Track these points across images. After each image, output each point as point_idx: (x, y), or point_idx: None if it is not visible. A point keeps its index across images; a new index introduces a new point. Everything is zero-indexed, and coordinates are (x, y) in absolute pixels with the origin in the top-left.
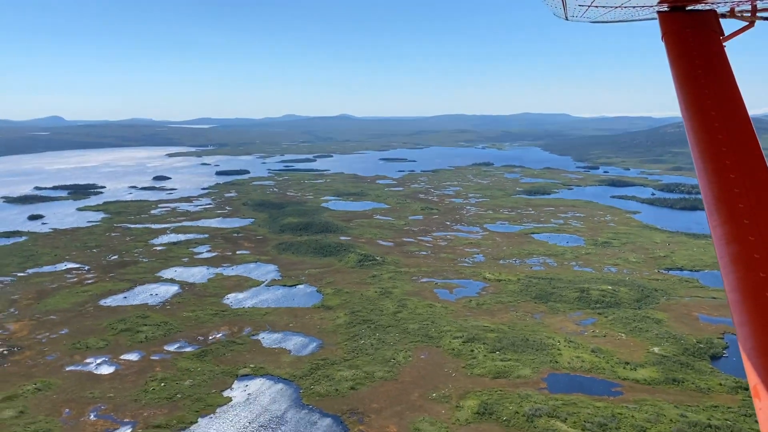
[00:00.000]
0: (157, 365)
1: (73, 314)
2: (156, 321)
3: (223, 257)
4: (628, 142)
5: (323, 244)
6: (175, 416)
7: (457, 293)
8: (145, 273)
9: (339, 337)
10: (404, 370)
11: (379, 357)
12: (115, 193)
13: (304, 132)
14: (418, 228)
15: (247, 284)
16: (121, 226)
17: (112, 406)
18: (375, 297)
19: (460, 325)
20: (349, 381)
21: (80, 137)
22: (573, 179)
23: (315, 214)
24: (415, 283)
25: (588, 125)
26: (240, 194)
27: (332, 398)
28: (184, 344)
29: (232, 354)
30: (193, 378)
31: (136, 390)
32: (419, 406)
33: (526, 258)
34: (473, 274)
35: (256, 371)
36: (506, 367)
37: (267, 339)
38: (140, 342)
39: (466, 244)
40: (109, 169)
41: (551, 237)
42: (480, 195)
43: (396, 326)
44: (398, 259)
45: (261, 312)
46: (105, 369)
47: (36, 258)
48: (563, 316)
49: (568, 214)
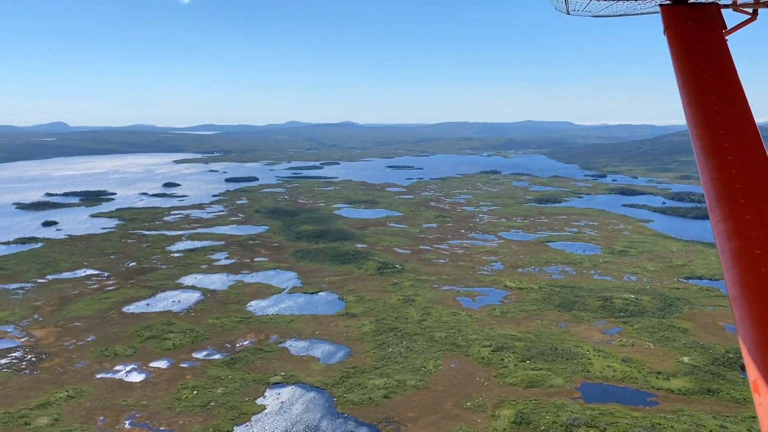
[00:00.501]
0: (187, 373)
1: (98, 321)
2: (182, 328)
3: (242, 264)
4: (633, 150)
5: (341, 252)
6: (211, 424)
7: (479, 301)
8: (166, 280)
9: (366, 345)
10: (436, 379)
11: (409, 365)
12: (127, 200)
13: (308, 139)
14: (433, 236)
15: (269, 291)
16: (136, 232)
17: (146, 413)
18: (398, 305)
19: (487, 334)
20: (382, 389)
21: (85, 143)
22: (582, 187)
23: (329, 221)
24: (437, 291)
25: (591, 133)
26: (251, 201)
27: (366, 407)
28: (213, 351)
29: (262, 361)
30: (225, 386)
31: (168, 398)
32: (455, 415)
33: (545, 266)
34: (494, 282)
35: (287, 379)
36: (538, 376)
37: (294, 346)
38: (168, 349)
39: (483, 252)
40: (117, 175)
41: (567, 245)
42: (491, 203)
43: (422, 334)
44: (417, 267)
45: (286, 319)
46: (135, 376)
47: (55, 264)
48: (588, 325)
49: (581, 223)
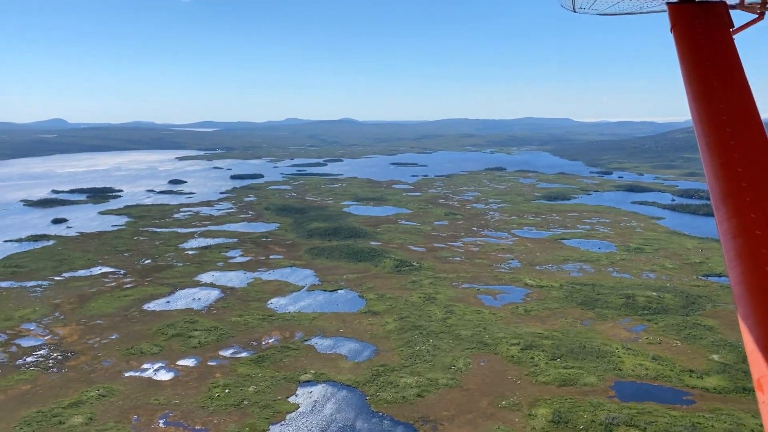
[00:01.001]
0: (216, 371)
1: (120, 319)
2: (206, 326)
3: (258, 262)
4: (637, 147)
5: (356, 249)
6: (246, 423)
7: (501, 299)
8: (183, 277)
9: (392, 342)
10: (467, 378)
11: (439, 364)
12: (134, 197)
13: (309, 136)
14: (446, 233)
15: (288, 289)
16: (147, 230)
17: (179, 412)
18: (420, 302)
19: (513, 332)
20: (414, 388)
21: (86, 140)
22: (590, 184)
23: (339, 219)
24: (457, 289)
25: (591, 130)
26: (259, 198)
27: (400, 405)
28: (239, 349)
29: (289, 359)
30: (256, 384)
31: (200, 396)
32: (490, 414)
33: (562, 264)
34: (513, 280)
35: (317, 377)
36: (570, 374)
37: (320, 344)
38: (194, 347)
39: (498, 250)
40: (120, 172)
41: (582, 243)
42: (500, 200)
43: (448, 332)
44: (434, 265)
45: (309, 317)
46: (164, 375)
47: (69, 262)
48: (612, 323)
49: (593, 220)
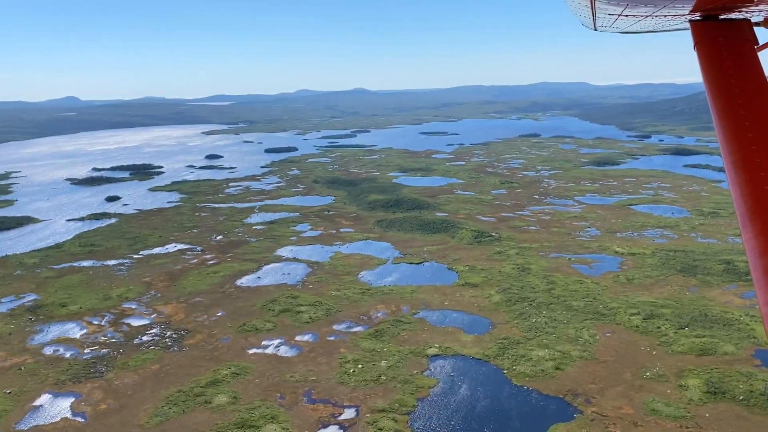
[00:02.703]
0: (339, 346)
1: (218, 296)
2: (309, 301)
3: (330, 235)
4: (668, 109)
5: (426, 221)
6: (394, 399)
7: (597, 268)
8: (263, 252)
9: (504, 315)
10: (599, 349)
11: (563, 335)
12: (176, 173)
13: (327, 107)
14: (509, 203)
15: (373, 262)
16: (205, 205)
17: (321, 389)
18: (515, 273)
19: (626, 301)
20: (549, 361)
21: (106, 117)
22: (633, 149)
23: (394, 190)
24: (547, 259)
25: (610, 93)
26: (303, 172)
27: (541, 379)
28: (352, 324)
29: (407, 333)
30: (385, 359)
31: (334, 372)
32: (639, 386)
33: (641, 230)
34: (601, 248)
35: (444, 351)
36: (705, 343)
37: (431, 318)
38: (307, 323)
39: (570, 218)
40: (152, 148)
41: (652, 208)
42: (549, 167)
43: (558, 303)
44: (513, 235)
45: (407, 290)
46: (287, 351)
47: (143, 240)
48: (720, 290)
49: (653, 185)
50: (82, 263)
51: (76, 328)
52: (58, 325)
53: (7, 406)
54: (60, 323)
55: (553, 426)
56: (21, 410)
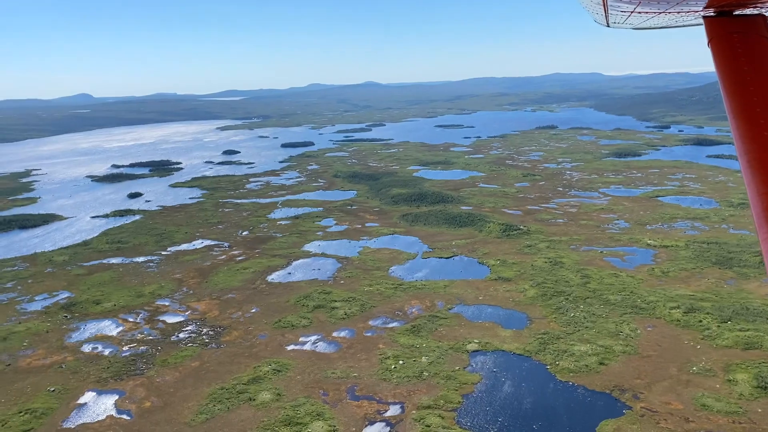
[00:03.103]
0: (378, 342)
1: (250, 292)
2: (342, 297)
3: (356, 230)
4: (686, 99)
5: (452, 215)
6: (439, 396)
7: (630, 261)
8: (290, 248)
9: (541, 309)
10: (641, 344)
11: (603, 330)
12: (195, 169)
13: (339, 101)
14: (534, 195)
15: (402, 257)
16: (227, 201)
17: (363, 386)
18: (548, 267)
19: (664, 295)
20: (592, 356)
21: (120, 113)
22: (653, 140)
23: (416, 184)
24: (579, 252)
25: (625, 83)
26: (322, 166)
27: (586, 374)
28: (388, 320)
29: (444, 329)
30: (426, 355)
31: (375, 368)
32: (686, 380)
33: (671, 222)
34: (632, 241)
35: (484, 346)
36: (750, 337)
37: (467, 313)
38: (342, 319)
39: (597, 210)
40: (168, 145)
41: (680, 200)
42: (570, 159)
43: (595, 297)
44: (541, 228)
45: (439, 285)
46: (325, 347)
47: (169, 236)
48: (758, 282)
49: (678, 176)
50: (111, 260)
51: (112, 325)
52: (93, 322)
53: (52, 404)
54: (95, 321)
55: (602, 422)
56: (66, 408)
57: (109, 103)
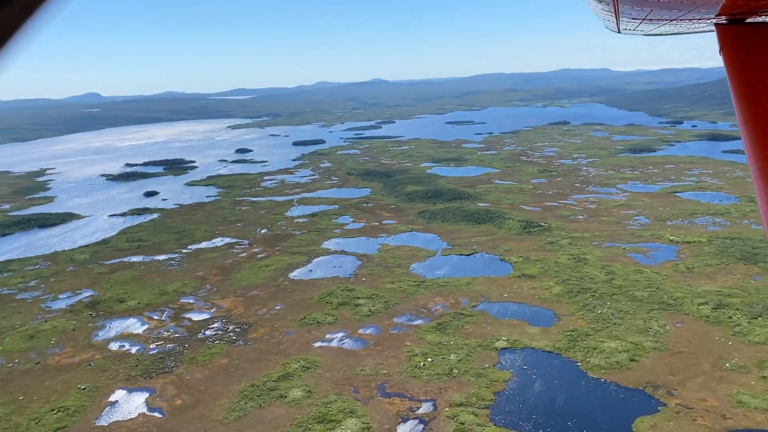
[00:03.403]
0: (404, 339)
1: (274, 289)
2: (365, 294)
3: (374, 228)
4: (698, 94)
5: (470, 212)
6: (471, 393)
7: (653, 258)
8: (309, 245)
9: (568, 306)
10: (671, 340)
11: (632, 327)
12: (209, 168)
13: (348, 99)
14: (551, 191)
15: (422, 254)
16: (244, 199)
17: (394, 383)
18: (572, 264)
19: (691, 291)
20: (623, 352)
21: (131, 112)
22: (667, 135)
23: (431, 181)
24: (602, 249)
25: (634, 79)
26: (335, 164)
27: (617, 371)
28: (413, 317)
29: (471, 326)
30: (454, 352)
31: (404, 366)
32: (720, 377)
33: (692, 218)
34: (654, 237)
35: (512, 344)
36: None
37: (492, 310)
38: (367, 316)
39: (617, 207)
40: (180, 143)
41: (699, 195)
42: (585, 155)
43: (621, 294)
44: (561, 225)
45: (462, 282)
46: (352, 344)
47: (189, 234)
48: None
49: (695, 171)
50: (131, 259)
51: (138, 323)
52: (118, 320)
53: (84, 402)
54: (121, 319)
55: (638, 419)
56: (98, 406)
57: (118, 102)
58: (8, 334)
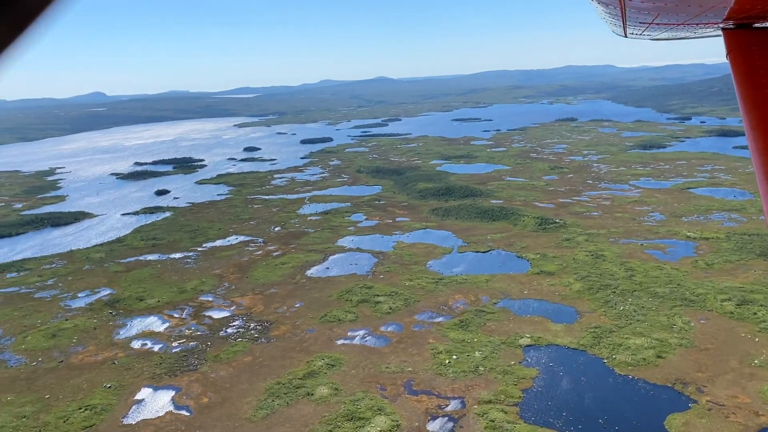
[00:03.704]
0: (427, 336)
1: (292, 287)
2: (384, 291)
3: (387, 225)
4: (705, 90)
5: (483, 209)
6: (498, 391)
7: (672, 254)
8: (324, 243)
9: (589, 303)
10: (696, 337)
11: (656, 323)
12: (218, 166)
13: (353, 97)
14: (564, 188)
15: (438, 252)
16: (255, 197)
17: (420, 381)
18: (590, 261)
19: (713, 287)
20: (649, 349)
21: (137, 111)
22: (676, 131)
23: (442, 178)
24: (619, 245)
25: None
26: (344, 162)
27: (644, 368)
28: (434, 314)
29: (493, 323)
30: (478, 349)
31: (429, 363)
32: (749, 374)
33: (707, 214)
34: (670, 233)
35: (536, 341)
36: None
37: (513, 307)
38: (387, 313)
39: (631, 203)
40: (187, 142)
41: (713, 191)
42: (595, 151)
43: (642, 290)
44: (576, 221)
45: (481, 279)
46: (375, 342)
47: (202, 232)
48: None
49: (707, 167)
50: (147, 257)
51: (158, 321)
52: (139, 318)
53: (110, 400)
54: (141, 317)
55: (669, 416)
56: (124, 404)
57: (123, 102)
58: (30, 332)
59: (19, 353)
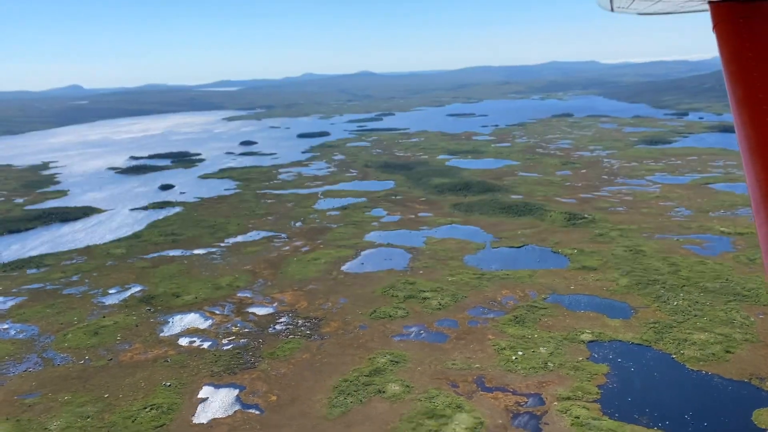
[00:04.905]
0: (485, 332)
1: (331, 283)
2: (428, 287)
3: (410, 220)
4: (697, 86)
5: (506, 204)
6: (575, 387)
7: (710, 249)
8: (351, 239)
9: (641, 299)
10: (759, 331)
11: (715, 318)
12: (218, 160)
13: (339, 91)
14: (580, 183)
15: (470, 247)
16: (266, 192)
17: (490, 377)
18: (630, 256)
19: (762, 282)
20: (715, 344)
21: (120, 105)
22: (677, 127)
23: (455, 173)
24: (655, 240)
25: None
26: (348, 157)
27: (715, 363)
28: (485, 310)
29: (549, 319)
30: (542, 345)
31: (495, 359)
32: None
33: (733, 209)
34: (703, 229)
35: (598, 337)
36: None
37: (564, 302)
38: (438, 309)
39: (654, 198)
40: (178, 135)
41: (732, 187)
42: (601, 147)
43: (691, 285)
44: (604, 216)
45: (523, 275)
46: (433, 338)
47: (220, 228)
48: None
49: (719, 163)
50: (170, 253)
51: (200, 318)
52: (179, 315)
53: (174, 399)
54: (181, 314)
55: (756, 411)
56: (189, 403)
57: (105, 95)
58: (70, 330)
59: (63, 351)
